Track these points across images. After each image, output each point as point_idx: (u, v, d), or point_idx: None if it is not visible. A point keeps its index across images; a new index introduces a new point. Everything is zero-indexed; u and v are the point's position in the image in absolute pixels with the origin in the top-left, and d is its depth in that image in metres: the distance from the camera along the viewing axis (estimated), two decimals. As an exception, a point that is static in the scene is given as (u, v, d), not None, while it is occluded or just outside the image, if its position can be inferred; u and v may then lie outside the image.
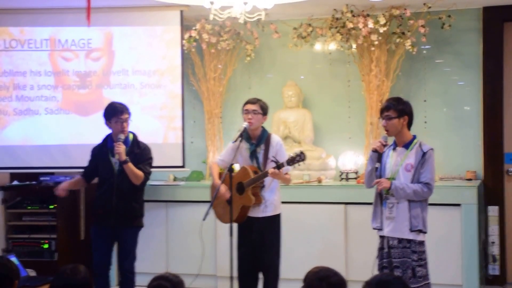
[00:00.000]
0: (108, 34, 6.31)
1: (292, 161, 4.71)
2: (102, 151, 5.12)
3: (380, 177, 4.28)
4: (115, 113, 5.02)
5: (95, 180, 5.27)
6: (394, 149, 4.30)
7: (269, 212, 4.95)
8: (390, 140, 4.39)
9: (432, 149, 4.23)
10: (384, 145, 4.29)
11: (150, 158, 5.16)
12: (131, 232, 5.10)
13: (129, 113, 5.07)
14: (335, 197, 5.98)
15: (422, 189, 4.14)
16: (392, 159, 4.28)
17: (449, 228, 5.60)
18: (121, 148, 4.92)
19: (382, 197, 4.29)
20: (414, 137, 4.29)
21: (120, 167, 4.97)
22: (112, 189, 5.00)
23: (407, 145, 4.25)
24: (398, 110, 4.23)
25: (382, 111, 4.29)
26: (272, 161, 4.76)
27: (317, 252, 5.89)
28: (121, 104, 5.11)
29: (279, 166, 4.70)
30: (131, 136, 5.12)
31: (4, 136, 6.32)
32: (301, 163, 4.73)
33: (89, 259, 5.15)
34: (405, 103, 4.29)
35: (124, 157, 4.92)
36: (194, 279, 5.93)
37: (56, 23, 6.32)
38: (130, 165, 4.95)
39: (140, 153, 5.09)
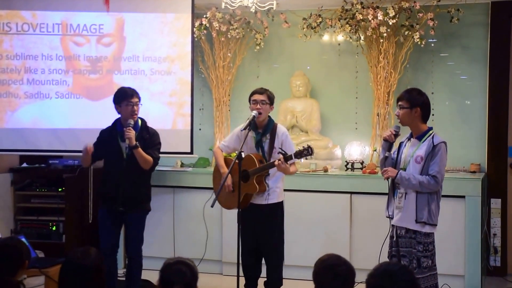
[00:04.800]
0: (119, 20, 6.33)
1: (299, 154, 4.76)
2: (111, 134, 5.13)
3: (395, 166, 4.30)
4: (125, 96, 5.05)
5: (98, 164, 5.29)
6: (409, 139, 4.32)
7: (272, 200, 5.01)
8: (404, 130, 4.40)
9: (443, 142, 4.20)
10: (395, 135, 4.31)
11: (159, 143, 5.20)
12: (139, 216, 5.14)
13: (139, 98, 5.09)
14: (341, 187, 6.04)
15: (429, 181, 4.12)
16: (406, 149, 4.30)
17: (452, 220, 5.66)
18: (131, 133, 4.94)
19: (395, 187, 4.30)
20: (429, 129, 4.27)
21: (130, 151, 4.99)
22: (121, 173, 5.01)
23: (420, 137, 4.24)
24: (409, 101, 4.22)
25: (398, 100, 4.31)
26: (280, 152, 4.81)
27: (322, 241, 5.96)
28: (130, 88, 5.13)
29: (286, 158, 4.76)
30: (140, 121, 5.15)
31: (15, 118, 6.35)
32: (308, 157, 4.78)
33: (96, 242, 5.19)
34: (419, 95, 4.26)
35: (134, 142, 4.95)
36: (199, 264, 6.01)
37: (68, 8, 6.33)
38: (140, 150, 4.98)
39: (149, 138, 5.11)
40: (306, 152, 4.75)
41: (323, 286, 2.84)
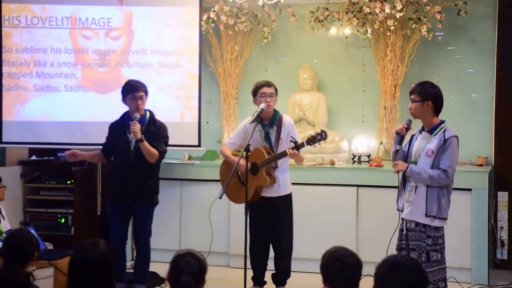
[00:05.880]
0: (128, 13, 6.36)
1: (312, 140, 4.77)
2: (120, 127, 5.17)
3: (406, 159, 4.28)
4: (130, 90, 5.08)
5: None
6: (421, 133, 4.29)
7: (283, 192, 5.07)
8: (416, 123, 4.39)
9: (455, 136, 4.17)
10: (407, 128, 4.28)
11: (166, 137, 5.22)
12: (147, 208, 5.17)
13: (145, 91, 5.12)
14: (348, 180, 6.05)
15: (439, 175, 4.10)
16: (418, 142, 4.27)
17: (459, 213, 5.65)
18: (136, 127, 4.98)
19: (405, 180, 4.29)
20: (441, 122, 4.24)
21: (137, 144, 5.04)
22: (129, 166, 5.06)
23: (431, 130, 4.21)
24: (421, 94, 4.19)
25: (410, 93, 4.28)
26: (291, 141, 4.82)
27: (329, 233, 5.97)
28: (137, 81, 5.17)
29: (298, 146, 4.78)
30: (148, 114, 5.18)
31: (24, 111, 6.40)
32: (321, 142, 4.78)
33: (105, 234, 5.24)
34: (431, 88, 4.22)
35: (139, 135, 4.98)
36: (207, 257, 6.03)
37: (77, 2, 6.37)
38: (145, 143, 5.01)
39: (156, 131, 5.14)
40: (320, 137, 4.74)
41: (331, 278, 2.87)
